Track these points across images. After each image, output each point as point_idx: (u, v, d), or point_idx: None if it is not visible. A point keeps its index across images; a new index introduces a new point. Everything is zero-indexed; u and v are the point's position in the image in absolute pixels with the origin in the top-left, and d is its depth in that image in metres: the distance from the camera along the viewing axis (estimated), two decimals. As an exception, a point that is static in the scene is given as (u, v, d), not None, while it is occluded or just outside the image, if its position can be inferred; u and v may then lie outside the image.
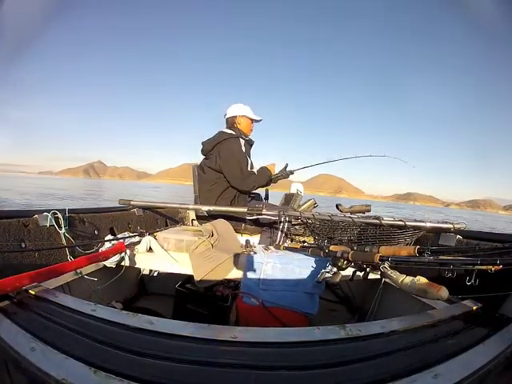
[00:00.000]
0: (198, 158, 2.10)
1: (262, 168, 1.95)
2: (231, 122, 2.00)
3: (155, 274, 1.74)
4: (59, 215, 1.28)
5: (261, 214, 1.64)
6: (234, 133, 1.94)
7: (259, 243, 1.76)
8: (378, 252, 0.96)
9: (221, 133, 1.95)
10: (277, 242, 1.65)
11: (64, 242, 1.29)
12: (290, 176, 2.07)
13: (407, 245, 1.36)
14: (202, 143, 2.01)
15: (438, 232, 1.36)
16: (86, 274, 1.19)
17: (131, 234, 1.45)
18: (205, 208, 1.65)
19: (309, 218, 1.50)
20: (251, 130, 2.05)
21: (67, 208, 1.37)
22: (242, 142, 1.91)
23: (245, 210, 1.66)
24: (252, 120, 2.02)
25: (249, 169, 1.89)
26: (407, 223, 1.29)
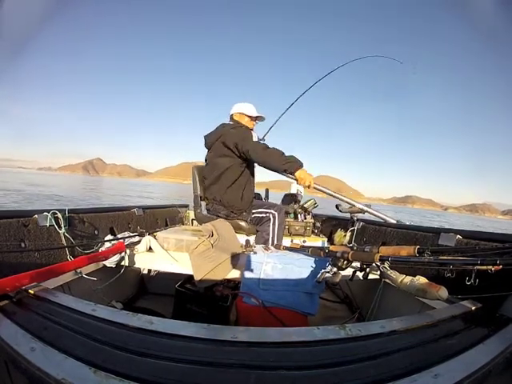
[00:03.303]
0: (197, 157, 2.09)
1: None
2: (230, 120, 2.01)
3: (155, 274, 1.74)
4: (59, 215, 1.28)
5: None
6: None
7: (255, 243, 1.75)
8: (378, 252, 0.97)
9: (223, 124, 1.95)
10: (270, 242, 1.64)
11: (64, 241, 1.28)
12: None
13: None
14: (205, 137, 1.99)
15: (437, 232, 1.36)
16: (86, 274, 1.19)
17: (131, 234, 1.45)
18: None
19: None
20: (253, 127, 2.00)
21: (67, 208, 1.37)
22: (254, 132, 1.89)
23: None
24: (250, 117, 1.97)
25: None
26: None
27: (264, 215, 1.78)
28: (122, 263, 1.29)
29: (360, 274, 1.03)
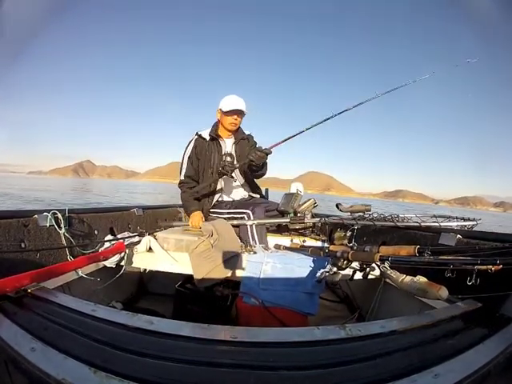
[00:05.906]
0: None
1: (192, 203, 1.85)
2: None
3: (155, 274, 1.75)
4: (59, 215, 1.28)
5: (303, 223, 1.73)
6: (200, 131, 1.91)
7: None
8: (378, 252, 0.97)
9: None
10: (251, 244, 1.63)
11: (64, 242, 1.28)
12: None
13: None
14: None
15: (437, 232, 1.36)
16: (86, 274, 1.19)
17: (131, 234, 1.45)
18: (249, 222, 1.65)
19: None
20: (231, 123, 1.80)
21: (67, 208, 1.37)
22: (193, 142, 1.88)
23: (287, 220, 1.75)
24: (223, 113, 1.78)
25: (185, 172, 1.88)
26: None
27: (239, 216, 1.72)
28: (122, 263, 1.29)
29: (360, 274, 1.03)
